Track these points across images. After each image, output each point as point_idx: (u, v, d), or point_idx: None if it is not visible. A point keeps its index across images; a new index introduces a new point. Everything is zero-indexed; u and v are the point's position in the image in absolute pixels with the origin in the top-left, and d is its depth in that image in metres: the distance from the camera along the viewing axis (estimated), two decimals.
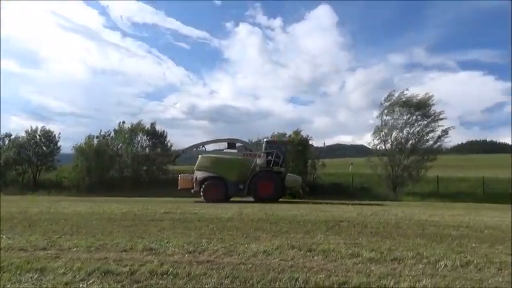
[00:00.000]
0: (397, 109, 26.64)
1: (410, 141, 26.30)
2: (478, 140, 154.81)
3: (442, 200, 22.17)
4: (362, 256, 5.28)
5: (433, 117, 26.28)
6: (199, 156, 19.22)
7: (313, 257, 5.25)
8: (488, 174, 28.48)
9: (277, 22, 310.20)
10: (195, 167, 19.05)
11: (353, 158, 62.41)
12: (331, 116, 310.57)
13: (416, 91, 26.94)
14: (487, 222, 9.74)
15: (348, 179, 28.37)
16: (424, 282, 4.09)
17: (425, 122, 26.37)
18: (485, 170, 33.42)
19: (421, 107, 26.22)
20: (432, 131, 26.22)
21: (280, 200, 18.39)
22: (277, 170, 18.53)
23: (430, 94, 26.58)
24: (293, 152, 23.75)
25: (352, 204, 16.48)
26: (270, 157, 18.54)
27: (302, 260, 5.03)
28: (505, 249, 6.25)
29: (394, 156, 26.15)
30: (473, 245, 6.54)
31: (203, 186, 18.09)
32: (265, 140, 20.44)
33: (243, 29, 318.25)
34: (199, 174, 18.51)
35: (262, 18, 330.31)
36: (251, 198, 18.43)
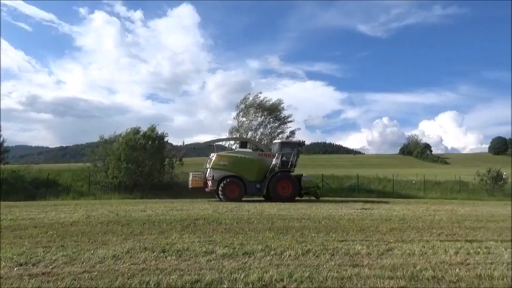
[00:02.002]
0: (252, 111, 28.26)
1: (263, 142, 28.19)
2: (320, 142, 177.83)
3: None
4: (216, 253, 5.37)
5: (283, 120, 28.80)
6: (215, 155, 18.33)
7: (166, 257, 5.10)
8: (326, 172, 32.52)
9: (138, 15, 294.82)
10: (209, 166, 18.21)
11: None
12: (191, 115, 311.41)
13: (271, 95, 29.17)
14: (324, 214, 11.08)
15: None
16: (271, 272, 4.36)
17: (276, 124, 28.69)
18: (325, 169, 38.27)
19: (273, 110, 28.40)
20: (282, 132, 28.71)
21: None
22: (291, 171, 19.07)
23: (281, 99, 29.07)
24: (150, 149, 22.89)
25: (208, 201, 16.76)
26: (284, 158, 18.81)
27: (155, 262, 4.82)
28: (338, 236, 7.19)
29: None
30: (313, 234, 7.34)
31: (221, 185, 17.59)
32: (279, 141, 20.53)
33: (99, 17, 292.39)
34: (216, 173, 17.89)
35: (121, 9, 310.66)
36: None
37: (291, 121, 28.95)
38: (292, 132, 28.72)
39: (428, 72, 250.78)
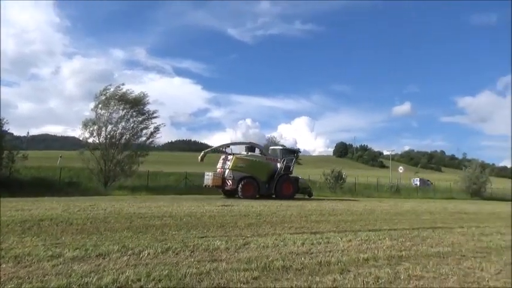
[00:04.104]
0: (113, 103, 26.39)
1: (125, 137, 26.66)
2: (185, 139, 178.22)
3: (151, 193, 23.67)
4: (64, 256, 4.88)
5: (147, 115, 27.64)
6: (233, 157, 20.70)
7: (0, 265, 4.40)
8: (190, 170, 32.65)
9: None
10: (228, 167, 20.32)
11: (63, 150, 57.69)
12: (41, 103, 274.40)
13: (136, 88, 27.67)
14: (185, 211, 11.10)
15: (55, 173, 25.89)
16: (127, 273, 4.16)
17: (140, 119, 27.36)
18: (189, 166, 38.30)
19: (136, 104, 27.03)
20: (146, 127, 27.53)
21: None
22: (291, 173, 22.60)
23: (145, 92, 27.87)
24: None
25: (56, 200, 15.06)
26: (285, 162, 21.83)
27: None
28: (198, 233, 7.29)
29: (107, 150, 25.78)
30: (174, 232, 7.28)
31: (240, 184, 19.89)
32: (280, 147, 24.67)
33: None
34: (236, 174, 20.19)
35: None
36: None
37: (156, 116, 28.07)
38: (157, 128, 27.89)
39: (288, 80, 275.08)
